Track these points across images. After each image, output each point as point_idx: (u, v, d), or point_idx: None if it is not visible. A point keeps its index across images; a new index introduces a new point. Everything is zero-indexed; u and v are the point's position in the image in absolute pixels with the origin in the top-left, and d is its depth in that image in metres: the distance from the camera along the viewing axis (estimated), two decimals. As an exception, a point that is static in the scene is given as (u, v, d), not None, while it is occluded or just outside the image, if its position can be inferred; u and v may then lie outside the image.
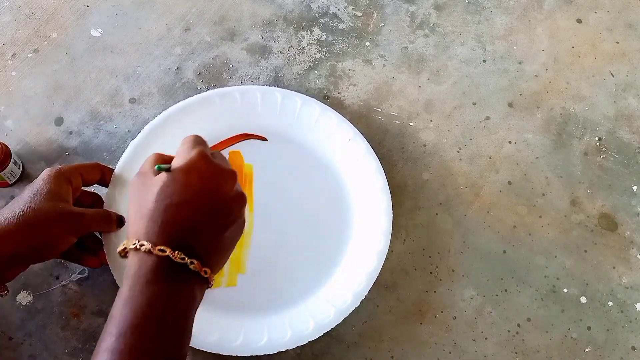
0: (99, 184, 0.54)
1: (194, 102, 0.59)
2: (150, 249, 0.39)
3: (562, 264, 0.58)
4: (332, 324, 0.52)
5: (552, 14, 0.70)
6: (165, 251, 0.39)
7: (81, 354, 0.53)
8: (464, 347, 0.55)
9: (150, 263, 0.39)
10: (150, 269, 0.39)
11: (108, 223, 0.51)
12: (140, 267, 0.40)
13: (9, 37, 0.66)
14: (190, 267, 0.40)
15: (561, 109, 0.65)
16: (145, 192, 0.42)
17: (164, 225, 0.40)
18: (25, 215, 0.45)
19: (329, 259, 0.56)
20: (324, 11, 0.69)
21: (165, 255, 0.39)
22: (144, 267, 0.39)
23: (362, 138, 0.58)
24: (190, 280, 0.41)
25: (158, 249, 0.39)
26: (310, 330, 0.52)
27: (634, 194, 0.61)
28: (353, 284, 0.53)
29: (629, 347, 0.55)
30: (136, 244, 0.40)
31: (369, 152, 0.58)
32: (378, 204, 0.56)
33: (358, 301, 0.53)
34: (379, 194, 0.56)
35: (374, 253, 0.54)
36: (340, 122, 0.59)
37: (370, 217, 0.56)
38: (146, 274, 0.39)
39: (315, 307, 0.53)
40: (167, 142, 0.57)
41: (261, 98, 0.60)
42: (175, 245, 0.40)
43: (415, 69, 0.66)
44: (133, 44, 0.66)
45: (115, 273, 0.52)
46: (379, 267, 0.54)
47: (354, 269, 0.55)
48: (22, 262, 0.47)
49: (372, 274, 0.53)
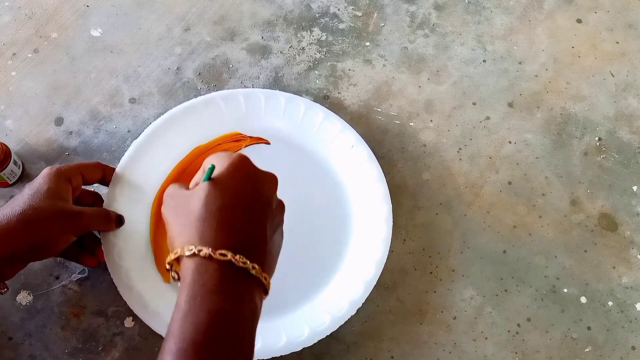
0: (100, 183, 0.54)
1: (197, 103, 0.58)
2: (211, 254, 0.36)
3: (562, 264, 0.58)
4: (328, 331, 0.52)
5: (552, 14, 0.70)
6: (226, 255, 0.36)
7: (81, 354, 0.53)
8: (464, 347, 0.55)
9: (210, 270, 0.36)
10: (210, 276, 0.36)
11: (107, 222, 0.51)
12: (198, 276, 0.36)
13: (9, 37, 0.66)
14: (252, 272, 0.37)
15: (561, 109, 0.65)
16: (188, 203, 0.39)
17: (219, 228, 0.37)
18: (24, 213, 0.45)
19: (327, 265, 0.56)
20: (324, 11, 0.69)
21: (227, 259, 0.36)
22: (203, 276, 0.36)
23: (364, 145, 0.58)
24: (252, 288, 0.37)
25: (219, 253, 0.36)
26: (305, 337, 0.51)
27: (634, 194, 0.61)
28: (350, 291, 0.53)
29: (629, 347, 0.55)
30: (193, 250, 0.37)
31: (371, 159, 0.58)
32: (378, 212, 0.56)
33: (354, 309, 0.52)
34: (380, 201, 0.56)
35: (373, 261, 0.54)
36: (343, 128, 0.59)
37: (370, 225, 0.56)
38: (206, 283, 0.36)
39: (311, 313, 0.53)
40: (169, 142, 0.57)
41: (265, 101, 0.60)
42: (233, 249, 0.37)
43: (415, 69, 0.66)
44: (133, 44, 0.66)
45: (112, 272, 0.52)
46: (377, 276, 0.53)
47: (352, 276, 0.54)
48: (22, 261, 0.47)
49: (370, 282, 0.53)
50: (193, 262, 0.37)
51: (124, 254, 0.52)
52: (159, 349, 0.52)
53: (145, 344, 0.53)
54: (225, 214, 0.38)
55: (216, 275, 0.36)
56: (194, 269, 0.37)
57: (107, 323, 0.54)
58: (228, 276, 0.36)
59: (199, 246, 0.37)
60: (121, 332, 0.53)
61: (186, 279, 0.37)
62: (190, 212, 0.39)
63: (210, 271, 0.36)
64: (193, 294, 0.36)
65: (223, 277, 0.36)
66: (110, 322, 0.54)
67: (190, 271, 0.37)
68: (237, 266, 0.36)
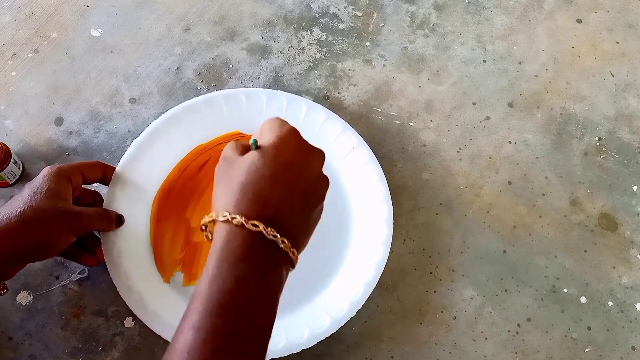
0: (100, 182, 0.54)
1: (198, 103, 0.58)
2: (243, 223, 0.37)
3: (562, 264, 0.58)
4: (328, 332, 0.52)
5: (552, 14, 0.70)
6: (258, 226, 0.37)
7: (81, 354, 0.53)
8: (464, 347, 0.55)
9: (240, 238, 0.37)
10: (239, 244, 0.37)
11: (107, 222, 0.51)
12: (228, 242, 0.37)
13: (9, 37, 0.66)
14: (280, 245, 0.38)
15: (561, 109, 0.65)
16: (235, 169, 0.40)
17: (256, 199, 0.38)
18: (24, 213, 0.45)
19: (327, 266, 0.56)
20: (324, 11, 0.69)
21: (258, 230, 0.37)
22: (233, 243, 0.37)
23: (366, 146, 0.58)
24: (279, 260, 0.38)
25: (251, 224, 0.37)
26: (305, 339, 0.51)
27: (634, 194, 0.61)
28: (350, 293, 0.53)
29: (629, 347, 0.55)
30: (227, 216, 0.37)
31: (372, 160, 0.58)
32: (379, 213, 0.56)
33: (354, 311, 0.52)
34: (381, 203, 0.56)
35: (373, 263, 0.54)
36: (344, 129, 0.59)
37: (371, 226, 0.56)
38: (235, 250, 0.37)
39: (311, 315, 0.53)
40: (170, 141, 0.57)
41: (266, 101, 0.59)
42: (266, 221, 0.37)
43: (415, 69, 0.66)
44: (133, 44, 0.66)
45: (112, 272, 0.52)
46: (377, 277, 0.53)
47: (352, 278, 0.54)
48: (21, 261, 0.47)
49: (371, 284, 0.53)
50: (225, 229, 0.38)
51: (123, 254, 0.52)
52: (159, 349, 0.53)
53: (145, 344, 0.53)
54: (265, 185, 0.38)
55: (246, 244, 0.37)
56: (225, 235, 0.37)
57: (107, 323, 0.54)
58: (257, 246, 0.37)
59: (234, 214, 0.37)
60: (121, 332, 0.53)
61: (217, 244, 0.38)
62: (232, 178, 0.39)
63: (240, 239, 0.37)
64: (222, 259, 0.37)
65: (252, 247, 0.37)
66: (110, 322, 0.54)
67: (221, 237, 0.37)
68: (267, 238, 0.37)
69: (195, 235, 0.56)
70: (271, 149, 0.40)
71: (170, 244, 0.55)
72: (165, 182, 0.57)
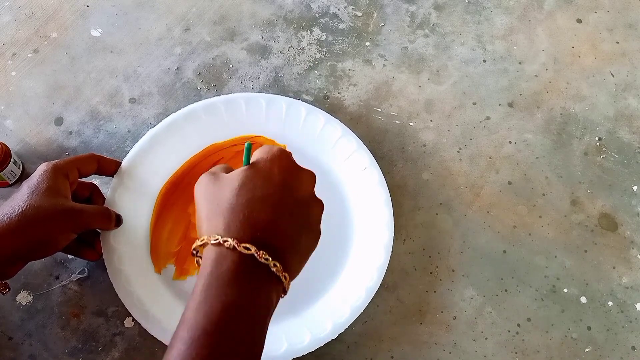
0: (95, 173, 0.54)
1: (198, 109, 0.58)
2: (235, 246, 0.36)
3: (562, 264, 0.58)
4: (329, 337, 0.52)
5: (552, 14, 0.70)
6: (250, 249, 0.36)
7: (81, 354, 0.53)
8: (464, 347, 0.55)
9: (230, 262, 0.36)
10: (229, 268, 0.36)
11: (107, 220, 0.51)
12: (217, 266, 0.36)
13: (9, 37, 0.66)
14: (272, 269, 0.37)
15: (561, 109, 0.65)
16: (222, 188, 0.39)
17: (246, 221, 0.37)
18: (25, 213, 0.45)
19: (328, 270, 0.56)
20: (324, 11, 0.69)
21: (249, 254, 0.36)
22: (222, 266, 0.36)
23: (366, 150, 0.58)
24: (270, 285, 0.37)
25: (243, 247, 0.36)
26: (306, 344, 0.51)
27: (634, 194, 0.61)
28: (352, 297, 0.53)
29: (629, 347, 0.55)
30: (219, 239, 0.36)
31: (372, 164, 0.58)
32: (380, 217, 0.56)
33: (356, 315, 0.52)
34: (381, 206, 0.56)
35: (375, 267, 0.54)
36: (344, 133, 0.59)
37: (372, 230, 0.56)
38: (223, 274, 0.36)
39: (312, 319, 0.53)
40: (170, 147, 0.57)
41: (266, 106, 0.59)
42: (257, 244, 0.36)
43: (415, 69, 0.66)
44: (133, 44, 0.66)
45: (112, 278, 0.52)
46: (379, 281, 0.53)
47: (354, 282, 0.54)
48: (23, 260, 0.47)
49: (372, 288, 0.53)
50: (215, 252, 0.37)
51: (124, 259, 0.53)
52: (159, 348, 0.53)
53: (145, 344, 0.53)
54: (255, 207, 0.38)
55: (235, 267, 0.36)
56: (214, 259, 0.36)
57: (107, 323, 0.54)
58: (247, 270, 0.36)
59: (225, 237, 0.36)
60: (121, 332, 0.53)
61: (206, 268, 0.37)
62: (221, 199, 0.38)
63: (229, 263, 0.36)
64: (209, 284, 0.36)
65: (242, 270, 0.36)
66: (110, 322, 0.54)
67: (211, 260, 0.37)
68: (259, 261, 0.36)
69: (193, 231, 0.56)
70: (262, 168, 0.39)
71: (169, 235, 0.56)
72: (174, 175, 0.57)
